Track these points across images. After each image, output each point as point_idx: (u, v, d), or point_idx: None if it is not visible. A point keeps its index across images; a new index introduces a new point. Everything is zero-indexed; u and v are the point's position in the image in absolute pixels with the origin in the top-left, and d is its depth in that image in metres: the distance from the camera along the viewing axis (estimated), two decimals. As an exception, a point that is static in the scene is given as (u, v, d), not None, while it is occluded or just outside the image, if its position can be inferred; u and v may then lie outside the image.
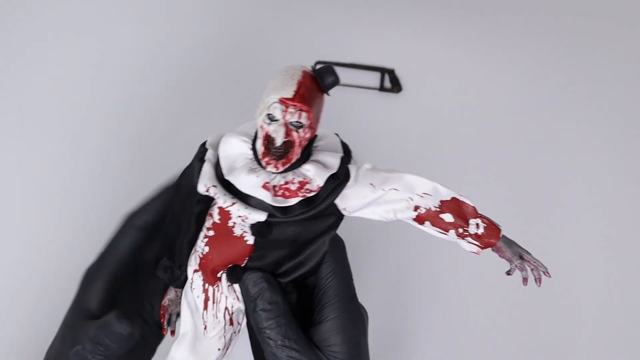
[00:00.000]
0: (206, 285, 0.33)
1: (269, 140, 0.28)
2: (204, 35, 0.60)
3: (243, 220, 0.30)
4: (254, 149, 0.30)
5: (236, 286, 0.33)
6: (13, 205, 0.56)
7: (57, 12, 0.60)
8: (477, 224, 0.32)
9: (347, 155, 0.31)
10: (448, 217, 0.31)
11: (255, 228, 0.30)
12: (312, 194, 0.29)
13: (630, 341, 0.56)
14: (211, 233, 0.32)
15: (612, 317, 0.57)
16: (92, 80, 0.58)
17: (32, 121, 0.57)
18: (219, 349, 0.35)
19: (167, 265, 0.35)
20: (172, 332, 0.37)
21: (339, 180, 0.30)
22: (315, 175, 0.29)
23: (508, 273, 0.32)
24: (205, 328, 0.34)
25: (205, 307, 0.34)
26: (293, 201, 0.29)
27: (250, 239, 0.31)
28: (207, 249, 0.32)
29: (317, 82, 0.28)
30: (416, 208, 0.31)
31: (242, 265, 0.32)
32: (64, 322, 0.36)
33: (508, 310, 0.56)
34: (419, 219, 0.31)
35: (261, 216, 0.29)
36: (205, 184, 0.30)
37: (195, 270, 0.34)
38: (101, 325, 0.33)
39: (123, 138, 0.56)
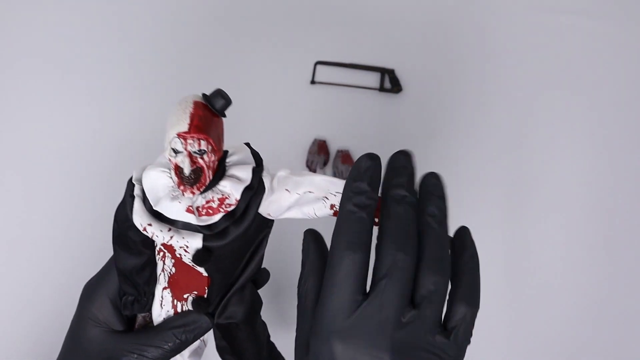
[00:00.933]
0: (175, 301, 0.35)
1: (179, 170, 0.30)
2: (203, 35, 0.60)
3: (185, 251, 0.32)
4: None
5: None
6: (18, 214, 0.56)
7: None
8: None
9: (258, 165, 0.33)
10: None
11: (196, 256, 0.31)
12: (232, 207, 0.31)
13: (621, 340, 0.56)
14: (172, 257, 0.34)
15: (610, 315, 0.57)
16: (104, 83, 0.59)
17: (40, 126, 0.58)
18: (194, 348, 0.38)
19: (131, 299, 0.36)
20: None
21: (253, 190, 0.31)
22: (231, 190, 0.31)
23: None
24: None
25: None
26: (217, 217, 0.31)
27: (204, 272, 0.33)
28: (174, 269, 0.34)
29: (209, 108, 0.30)
30: (332, 206, 0.33)
31: (205, 296, 0.35)
32: (74, 340, 0.36)
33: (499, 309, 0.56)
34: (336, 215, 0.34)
35: (198, 241, 0.31)
36: (141, 223, 0.31)
37: (164, 288, 0.35)
38: (183, 323, 0.35)
39: (133, 146, 0.57)
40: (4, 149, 0.57)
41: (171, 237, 0.31)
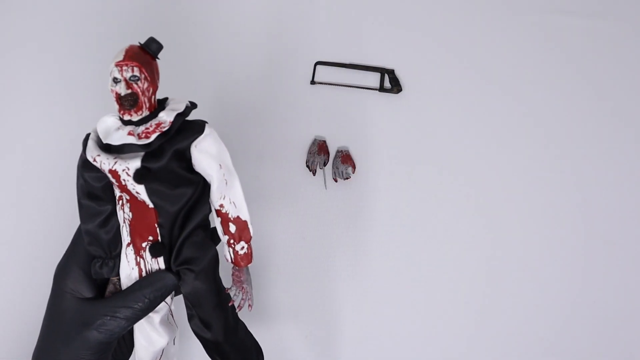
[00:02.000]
0: (137, 258, 0.39)
1: (119, 97, 0.37)
2: (203, 36, 0.60)
3: (127, 174, 0.37)
4: (120, 119, 0.39)
5: (160, 259, 0.39)
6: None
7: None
8: (243, 247, 0.41)
9: (192, 104, 0.40)
10: (232, 228, 0.41)
11: (135, 174, 0.37)
12: (166, 128, 0.38)
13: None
14: (127, 196, 0.39)
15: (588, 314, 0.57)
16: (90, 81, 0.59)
17: (27, 120, 0.58)
18: (163, 314, 0.41)
19: (99, 264, 0.39)
20: None
21: (185, 115, 0.39)
22: (166, 117, 0.38)
23: (227, 290, 0.42)
24: None
25: (140, 277, 0.39)
26: (153, 137, 0.37)
27: (149, 202, 0.38)
28: (131, 214, 0.39)
29: (145, 50, 0.38)
30: (221, 205, 0.40)
31: (160, 240, 0.39)
32: (54, 311, 0.38)
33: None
34: (217, 212, 0.41)
35: (137, 162, 0.37)
36: (91, 155, 0.37)
37: (128, 244, 0.39)
38: (149, 282, 0.38)
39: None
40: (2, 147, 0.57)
41: (115, 163, 0.37)
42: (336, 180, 0.57)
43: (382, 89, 0.58)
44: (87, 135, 0.39)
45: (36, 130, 0.57)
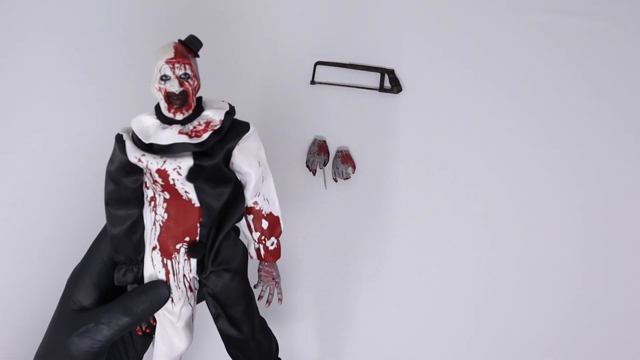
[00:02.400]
0: (165, 259, 0.38)
1: (169, 95, 0.35)
2: (203, 36, 0.60)
3: (178, 173, 0.36)
4: (159, 118, 0.36)
5: (193, 260, 0.38)
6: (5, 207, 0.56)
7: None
8: (273, 242, 0.41)
9: (231, 107, 0.38)
10: (265, 224, 0.41)
11: (189, 173, 0.36)
12: (218, 126, 0.36)
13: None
14: (167, 195, 0.37)
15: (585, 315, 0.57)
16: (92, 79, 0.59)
17: (30, 119, 0.58)
18: (187, 317, 0.40)
19: (122, 269, 0.39)
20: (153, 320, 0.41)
21: (233, 114, 0.38)
22: (215, 115, 0.37)
23: (255, 286, 0.42)
24: (172, 301, 0.39)
25: (167, 280, 0.38)
26: (205, 136, 0.36)
27: (196, 201, 0.37)
28: (166, 215, 0.37)
29: (188, 47, 0.36)
30: (255, 202, 0.40)
31: (199, 239, 0.38)
32: (54, 319, 0.38)
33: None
34: (249, 210, 0.40)
35: (189, 160, 0.36)
36: (135, 156, 0.35)
37: (153, 248, 0.38)
38: (141, 291, 0.37)
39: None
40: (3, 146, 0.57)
41: (164, 162, 0.35)
42: (336, 180, 0.57)
43: (382, 89, 0.58)
44: (119, 137, 0.37)
45: (52, 127, 0.57)
